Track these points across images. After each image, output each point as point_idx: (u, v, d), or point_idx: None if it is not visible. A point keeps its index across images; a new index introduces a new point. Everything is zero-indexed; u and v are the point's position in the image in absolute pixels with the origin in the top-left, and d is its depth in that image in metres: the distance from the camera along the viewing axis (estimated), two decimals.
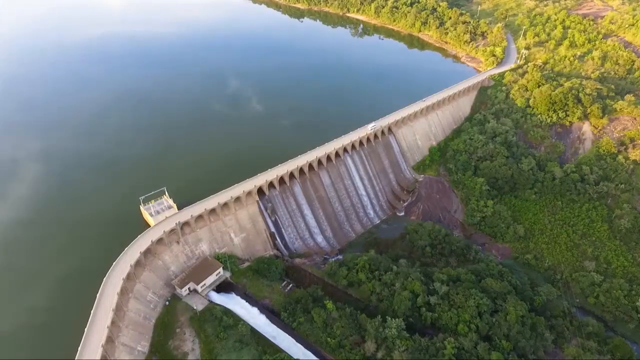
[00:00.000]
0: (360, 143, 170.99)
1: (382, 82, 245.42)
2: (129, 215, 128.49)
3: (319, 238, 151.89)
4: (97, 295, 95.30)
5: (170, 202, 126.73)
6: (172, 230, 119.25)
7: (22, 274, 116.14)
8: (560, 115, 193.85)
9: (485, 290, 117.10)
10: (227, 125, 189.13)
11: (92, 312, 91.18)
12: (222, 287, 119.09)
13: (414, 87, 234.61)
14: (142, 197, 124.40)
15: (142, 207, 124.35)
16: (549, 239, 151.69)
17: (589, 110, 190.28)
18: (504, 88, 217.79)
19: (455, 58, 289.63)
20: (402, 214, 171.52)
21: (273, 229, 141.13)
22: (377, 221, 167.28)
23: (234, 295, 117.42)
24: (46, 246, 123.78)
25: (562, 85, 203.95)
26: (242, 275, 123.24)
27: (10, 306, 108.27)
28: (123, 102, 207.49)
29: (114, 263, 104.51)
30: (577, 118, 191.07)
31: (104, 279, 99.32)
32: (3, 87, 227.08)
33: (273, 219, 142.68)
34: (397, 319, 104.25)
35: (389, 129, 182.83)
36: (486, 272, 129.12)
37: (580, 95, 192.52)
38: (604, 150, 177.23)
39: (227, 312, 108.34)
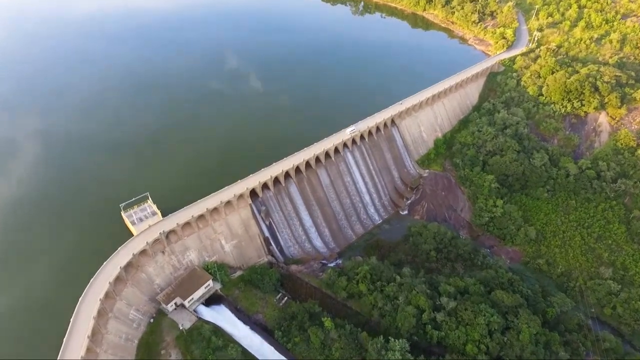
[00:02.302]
0: (362, 137, 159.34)
1: (382, 65, 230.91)
2: (108, 223, 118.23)
3: (317, 242, 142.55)
4: (71, 320, 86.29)
5: (154, 208, 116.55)
6: (157, 240, 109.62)
7: None
8: (575, 105, 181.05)
9: (495, 304, 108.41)
10: (216, 121, 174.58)
11: (64, 340, 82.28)
12: (212, 300, 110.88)
13: (417, 72, 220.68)
14: (123, 204, 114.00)
15: (123, 214, 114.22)
16: (562, 242, 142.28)
17: (606, 100, 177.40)
18: (514, 74, 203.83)
19: (462, 40, 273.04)
20: (406, 212, 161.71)
21: (267, 234, 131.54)
22: (378, 221, 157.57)
23: (224, 308, 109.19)
24: (11, 265, 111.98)
25: (577, 72, 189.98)
26: (233, 287, 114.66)
27: None
28: (108, 86, 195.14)
29: (90, 281, 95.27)
30: (594, 108, 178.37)
31: (79, 300, 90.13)
32: None
33: (267, 222, 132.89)
34: (401, 340, 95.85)
35: (392, 121, 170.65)
36: (495, 281, 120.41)
37: (598, 83, 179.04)
38: (621, 144, 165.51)
39: (217, 331, 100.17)
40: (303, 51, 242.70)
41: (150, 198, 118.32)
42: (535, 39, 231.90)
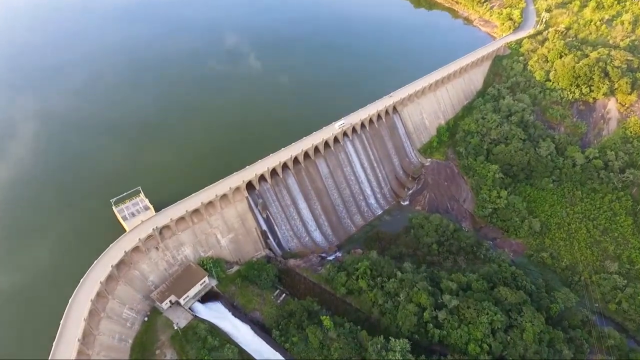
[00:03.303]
0: (362, 125, 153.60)
1: (383, 47, 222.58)
2: (98, 217, 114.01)
3: (316, 234, 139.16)
4: (60, 323, 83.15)
5: (147, 202, 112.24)
6: (150, 236, 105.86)
7: None
8: (583, 91, 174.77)
9: (498, 302, 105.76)
10: (211, 107, 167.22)
11: (53, 344, 79.34)
12: (209, 296, 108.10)
13: (419, 55, 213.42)
14: (114, 199, 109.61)
15: (114, 209, 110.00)
16: (566, 234, 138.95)
17: (616, 85, 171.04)
18: (521, 58, 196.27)
19: (467, 21, 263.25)
20: (407, 203, 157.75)
21: (265, 227, 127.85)
22: (379, 212, 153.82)
23: (221, 306, 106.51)
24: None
25: (587, 55, 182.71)
26: (230, 283, 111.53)
27: None
28: (101, 67, 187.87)
29: (80, 280, 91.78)
30: (603, 94, 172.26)
31: (69, 302, 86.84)
32: None
33: (264, 215, 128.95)
34: (401, 340, 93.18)
35: (394, 108, 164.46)
36: (498, 276, 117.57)
37: (608, 67, 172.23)
38: (631, 132, 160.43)
39: (213, 330, 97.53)
40: (303, 30, 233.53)
41: (142, 192, 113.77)
42: (544, 20, 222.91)
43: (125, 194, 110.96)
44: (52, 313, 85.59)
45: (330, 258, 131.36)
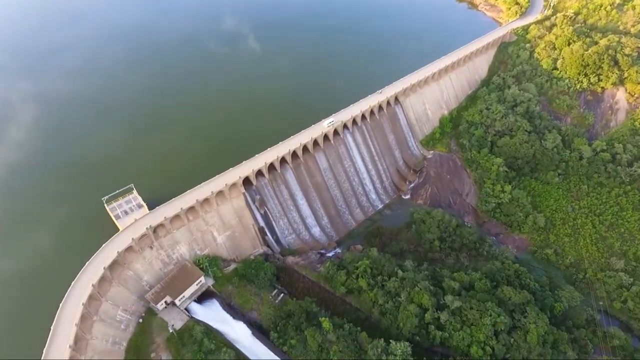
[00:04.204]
0: (363, 117, 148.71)
1: (383, 32, 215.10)
2: (90, 215, 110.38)
3: (315, 229, 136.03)
4: (51, 328, 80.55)
5: (140, 200, 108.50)
6: (144, 235, 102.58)
7: None
8: (592, 80, 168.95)
9: (501, 302, 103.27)
10: (203, 102, 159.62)
11: (44, 352, 76.86)
12: (205, 296, 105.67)
13: (420, 42, 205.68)
14: (106, 197, 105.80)
15: (106, 207, 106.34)
16: (571, 230, 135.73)
17: (626, 74, 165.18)
18: (527, 45, 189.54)
19: (472, 5, 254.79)
20: (408, 197, 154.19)
21: (262, 223, 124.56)
22: (380, 206, 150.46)
23: (217, 305, 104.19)
24: None
25: (596, 42, 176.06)
26: (227, 282, 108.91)
27: None
28: (95, 49, 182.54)
29: (72, 283, 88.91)
30: (612, 83, 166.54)
31: (59, 307, 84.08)
32: None
33: (262, 211, 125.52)
34: (402, 343, 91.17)
35: (396, 99, 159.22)
36: (502, 274, 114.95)
37: (618, 56, 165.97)
38: None
39: (209, 332, 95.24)
40: (300, 13, 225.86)
41: (135, 189, 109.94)
42: (551, 4, 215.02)
43: (117, 191, 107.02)
44: (42, 317, 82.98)
45: (330, 254, 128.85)
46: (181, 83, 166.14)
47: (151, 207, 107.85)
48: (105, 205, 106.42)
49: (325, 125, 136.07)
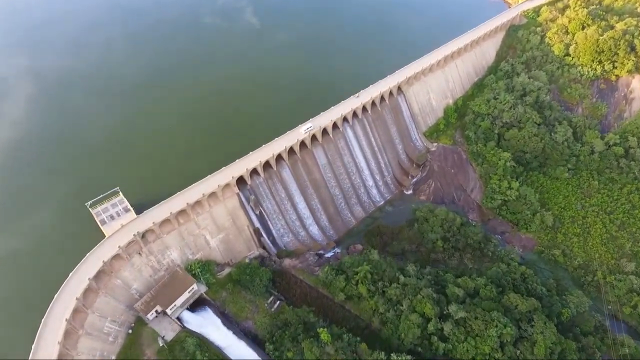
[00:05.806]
0: (364, 109, 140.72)
1: (387, 16, 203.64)
2: (73, 219, 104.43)
3: (313, 229, 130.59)
4: (32, 347, 75.85)
5: (127, 204, 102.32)
6: (132, 242, 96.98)
7: None
8: (606, 68, 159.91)
9: (508, 310, 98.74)
10: (193, 97, 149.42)
11: None
12: (198, 303, 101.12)
13: (425, 25, 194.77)
14: (90, 202, 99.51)
15: (91, 212, 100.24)
16: (581, 229, 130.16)
17: None
18: (538, 29, 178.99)
19: None
20: (410, 192, 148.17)
21: (258, 224, 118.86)
22: (381, 202, 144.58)
23: (210, 313, 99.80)
24: None
25: (612, 27, 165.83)
26: (220, 288, 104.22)
27: None
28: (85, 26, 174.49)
29: (54, 296, 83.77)
30: (627, 71, 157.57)
31: (41, 323, 79.14)
32: None
33: (257, 212, 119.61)
34: (404, 356, 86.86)
35: (399, 88, 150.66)
36: (507, 277, 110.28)
37: (636, 41, 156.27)
38: None
39: (202, 344, 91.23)
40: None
41: (121, 193, 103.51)
42: None
43: (101, 196, 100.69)
44: (24, 336, 78.23)
45: (329, 255, 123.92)
46: (172, 74, 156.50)
47: (139, 211, 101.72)
48: (90, 209, 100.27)
49: (303, 132, 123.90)
